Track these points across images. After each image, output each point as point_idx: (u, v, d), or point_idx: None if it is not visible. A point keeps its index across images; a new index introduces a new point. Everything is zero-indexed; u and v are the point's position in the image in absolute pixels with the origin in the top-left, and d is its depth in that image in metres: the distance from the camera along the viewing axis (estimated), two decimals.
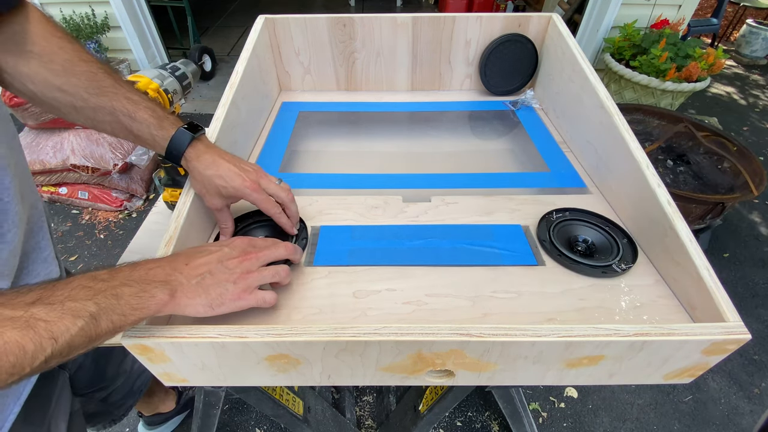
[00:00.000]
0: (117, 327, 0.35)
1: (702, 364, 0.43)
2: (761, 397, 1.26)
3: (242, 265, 0.43)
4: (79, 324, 0.32)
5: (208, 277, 0.41)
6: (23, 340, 0.29)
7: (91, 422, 0.81)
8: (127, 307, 0.35)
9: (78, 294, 0.33)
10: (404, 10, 4.47)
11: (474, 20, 0.87)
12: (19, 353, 0.29)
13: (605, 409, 1.23)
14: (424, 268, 0.53)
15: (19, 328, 0.29)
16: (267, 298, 0.45)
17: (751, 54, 3.40)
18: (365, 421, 1.19)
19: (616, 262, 0.52)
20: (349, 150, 0.80)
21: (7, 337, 0.29)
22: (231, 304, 0.41)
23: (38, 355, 0.30)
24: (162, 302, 0.37)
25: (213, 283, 0.41)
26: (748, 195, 1.41)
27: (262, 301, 0.44)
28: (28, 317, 0.30)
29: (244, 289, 0.42)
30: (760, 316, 1.49)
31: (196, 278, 0.40)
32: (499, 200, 0.65)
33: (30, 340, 0.29)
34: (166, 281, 0.39)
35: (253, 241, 0.47)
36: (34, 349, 0.30)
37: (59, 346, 0.31)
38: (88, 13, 2.14)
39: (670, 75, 1.97)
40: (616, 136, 0.60)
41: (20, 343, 0.29)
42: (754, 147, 2.38)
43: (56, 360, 0.32)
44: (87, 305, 0.33)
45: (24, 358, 0.29)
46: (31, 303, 0.31)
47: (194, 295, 0.40)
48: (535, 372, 0.44)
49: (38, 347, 0.30)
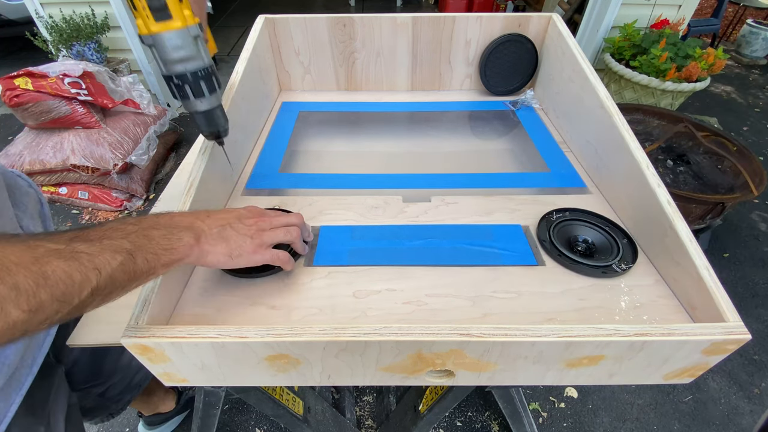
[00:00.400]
0: (151, 267, 0.36)
1: (702, 364, 0.43)
2: (761, 397, 1.26)
3: (258, 224, 0.47)
4: (118, 259, 0.33)
5: (228, 228, 0.44)
6: (70, 270, 0.30)
7: (89, 416, 0.81)
8: (158, 247, 0.37)
9: (112, 234, 0.35)
10: (404, 10, 4.48)
11: (474, 20, 0.87)
12: (68, 281, 0.30)
13: (605, 409, 1.23)
14: (424, 268, 0.53)
15: (64, 259, 0.30)
16: (281, 256, 0.47)
17: (751, 54, 3.40)
18: (365, 421, 1.19)
19: (616, 262, 0.52)
20: (349, 150, 0.80)
21: (55, 266, 0.29)
22: (248, 257, 0.44)
23: (85, 285, 0.31)
24: (188, 245, 0.40)
25: (233, 235, 0.44)
26: (748, 195, 1.41)
27: (277, 258, 0.47)
28: (71, 249, 0.31)
29: (260, 245, 0.45)
30: (760, 316, 1.49)
31: (217, 228, 0.43)
32: (499, 200, 0.65)
33: (76, 270, 0.30)
34: (191, 227, 0.41)
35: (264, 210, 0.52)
36: (81, 279, 0.30)
37: (103, 278, 0.32)
38: (88, 13, 2.14)
39: (670, 75, 1.97)
40: (616, 136, 0.60)
41: (67, 272, 0.30)
42: (754, 147, 2.38)
43: (100, 297, 0.33)
44: (122, 243, 0.34)
45: (72, 288, 0.30)
46: (70, 239, 0.32)
47: (215, 243, 0.42)
48: (535, 372, 0.44)
49: (84, 278, 0.31)
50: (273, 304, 0.49)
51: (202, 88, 0.45)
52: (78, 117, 1.70)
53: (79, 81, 1.68)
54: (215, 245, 0.42)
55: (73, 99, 1.68)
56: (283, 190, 0.68)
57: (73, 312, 0.31)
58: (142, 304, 0.42)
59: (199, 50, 0.42)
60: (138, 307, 0.41)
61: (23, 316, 0.27)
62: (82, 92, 1.69)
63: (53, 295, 0.29)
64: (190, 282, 0.52)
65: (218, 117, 0.51)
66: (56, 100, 1.64)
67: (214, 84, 0.46)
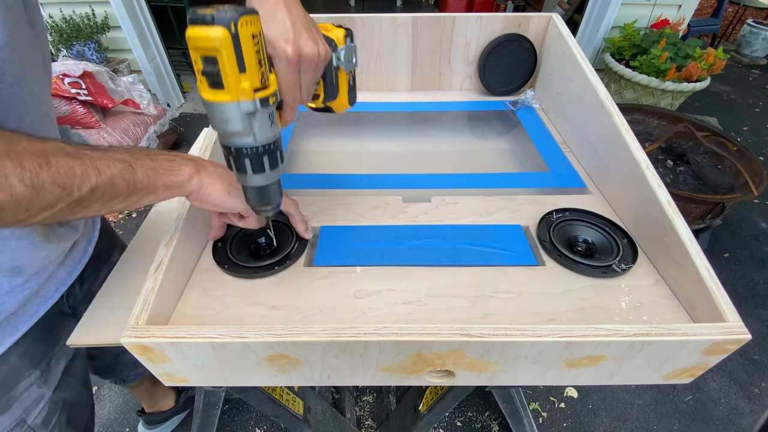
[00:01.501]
0: (151, 183, 0.39)
1: (702, 364, 0.43)
2: (761, 397, 1.26)
3: None
4: (119, 166, 0.36)
5: (228, 173, 0.46)
6: (72, 163, 0.34)
7: (103, 375, 0.85)
8: (159, 166, 0.40)
9: (118, 149, 0.39)
10: (404, 10, 4.47)
11: (474, 20, 0.87)
12: (69, 172, 0.33)
13: (605, 409, 1.23)
14: (424, 269, 0.53)
15: (69, 155, 0.34)
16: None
17: (751, 54, 3.40)
18: (365, 421, 1.19)
19: (616, 263, 0.52)
20: (349, 150, 0.80)
21: (59, 158, 0.33)
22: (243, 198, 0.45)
23: (84, 181, 0.34)
24: (190, 173, 0.42)
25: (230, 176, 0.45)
26: (748, 195, 1.41)
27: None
28: (76, 150, 0.35)
29: None
30: (760, 316, 1.49)
31: (220, 169, 0.46)
32: (499, 200, 0.65)
33: (78, 165, 0.34)
34: (194, 160, 0.44)
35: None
36: (81, 173, 0.34)
37: (102, 179, 0.35)
38: (88, 13, 2.14)
39: (670, 75, 1.97)
40: (616, 136, 0.60)
41: (69, 164, 0.33)
42: (754, 147, 2.38)
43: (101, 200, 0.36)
44: (125, 155, 0.38)
45: (73, 179, 0.33)
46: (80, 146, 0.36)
47: (215, 178, 0.44)
48: (535, 372, 0.44)
49: (84, 173, 0.34)
50: (273, 304, 0.49)
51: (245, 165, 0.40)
52: (78, 117, 1.71)
53: (79, 81, 1.68)
54: (215, 180, 0.44)
55: (73, 99, 1.68)
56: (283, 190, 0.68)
57: (75, 207, 0.35)
58: (142, 304, 0.42)
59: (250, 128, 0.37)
60: (138, 307, 0.41)
61: (26, 192, 0.31)
62: (82, 92, 1.69)
63: (54, 179, 0.32)
64: (190, 282, 0.52)
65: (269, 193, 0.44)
66: (56, 100, 1.64)
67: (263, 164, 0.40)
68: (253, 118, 0.36)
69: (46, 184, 0.32)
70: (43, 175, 0.31)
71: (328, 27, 0.47)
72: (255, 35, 0.33)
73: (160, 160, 0.41)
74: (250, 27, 0.33)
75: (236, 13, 0.31)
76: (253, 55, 0.34)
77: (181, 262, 0.49)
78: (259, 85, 0.35)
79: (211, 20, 0.31)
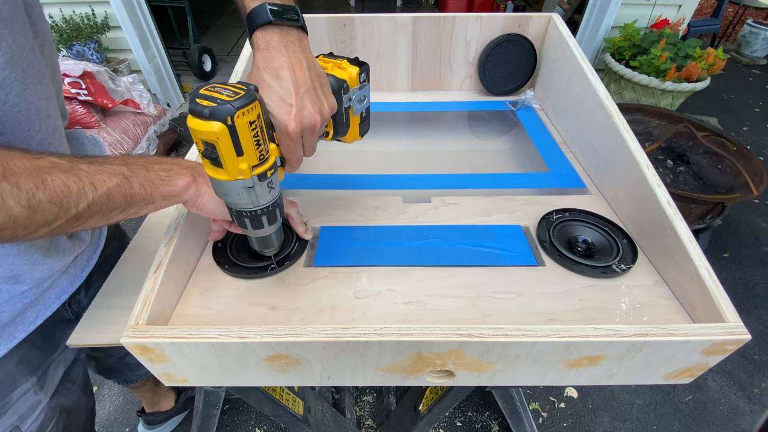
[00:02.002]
0: (148, 194, 0.39)
1: (702, 364, 0.43)
2: (761, 397, 1.26)
3: None
4: (114, 180, 0.36)
5: None
6: (68, 181, 0.33)
7: (107, 375, 0.86)
8: (156, 177, 0.40)
9: (114, 161, 0.38)
10: (404, 10, 4.48)
11: (474, 20, 0.87)
12: (66, 190, 0.33)
13: (605, 409, 1.23)
14: (424, 269, 0.53)
15: (64, 172, 0.33)
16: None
17: (751, 54, 3.40)
18: (365, 421, 1.19)
19: (616, 263, 0.52)
20: (349, 150, 0.80)
21: (55, 176, 0.33)
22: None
23: (81, 197, 0.34)
24: (187, 183, 0.42)
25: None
26: (748, 195, 1.41)
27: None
28: (72, 165, 0.34)
29: None
30: (760, 316, 1.49)
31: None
32: (499, 201, 0.65)
33: (74, 182, 0.34)
34: (191, 167, 0.44)
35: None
36: (78, 190, 0.34)
37: (99, 194, 0.35)
38: (88, 13, 2.14)
39: (670, 75, 1.97)
40: (616, 136, 0.60)
41: (65, 182, 0.33)
42: (754, 147, 2.38)
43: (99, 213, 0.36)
44: (121, 168, 0.38)
45: (69, 197, 0.33)
46: (74, 159, 0.36)
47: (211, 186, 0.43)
48: (535, 372, 0.44)
49: (81, 190, 0.34)
50: (273, 304, 0.49)
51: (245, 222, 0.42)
52: (78, 117, 1.71)
53: (79, 81, 1.68)
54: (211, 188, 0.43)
55: (73, 99, 1.68)
56: (283, 190, 0.68)
57: (73, 223, 0.35)
58: (142, 305, 0.42)
59: (249, 197, 0.39)
60: (138, 307, 0.41)
61: (24, 213, 0.31)
62: (82, 92, 1.69)
63: (51, 198, 0.32)
64: (190, 282, 0.52)
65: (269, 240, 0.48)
66: None
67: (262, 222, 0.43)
68: (252, 190, 0.39)
69: (42, 203, 0.32)
70: (39, 194, 0.31)
71: (343, 65, 0.47)
72: (253, 121, 0.34)
73: (157, 171, 0.40)
74: (248, 116, 0.34)
75: (233, 108, 0.32)
76: (250, 140, 0.35)
77: (181, 262, 0.49)
78: (257, 162, 0.37)
79: (209, 115, 0.32)
